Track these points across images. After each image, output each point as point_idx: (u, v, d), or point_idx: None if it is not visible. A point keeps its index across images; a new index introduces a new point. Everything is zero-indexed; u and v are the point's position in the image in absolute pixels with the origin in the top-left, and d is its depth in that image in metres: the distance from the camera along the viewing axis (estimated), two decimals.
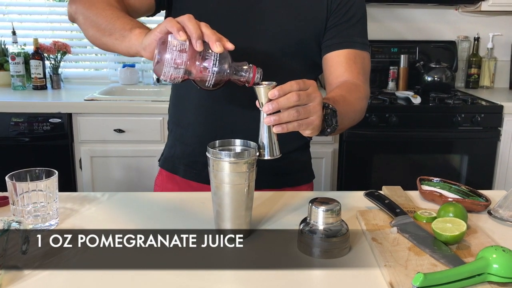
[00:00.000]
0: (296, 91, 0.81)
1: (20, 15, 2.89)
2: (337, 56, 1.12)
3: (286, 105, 0.81)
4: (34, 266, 0.78)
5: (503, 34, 2.91)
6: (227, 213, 0.87)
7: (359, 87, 1.09)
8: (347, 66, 1.12)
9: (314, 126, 0.84)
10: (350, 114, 1.02)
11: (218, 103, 1.15)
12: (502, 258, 0.71)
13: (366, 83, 1.14)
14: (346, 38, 1.12)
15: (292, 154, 1.20)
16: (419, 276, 0.67)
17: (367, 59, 1.16)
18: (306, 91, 0.83)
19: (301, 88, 0.82)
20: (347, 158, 2.41)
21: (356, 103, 1.05)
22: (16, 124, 2.27)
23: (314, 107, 0.83)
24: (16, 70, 2.62)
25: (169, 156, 1.28)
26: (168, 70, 0.81)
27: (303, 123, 0.83)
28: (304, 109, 0.82)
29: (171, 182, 1.25)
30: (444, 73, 2.69)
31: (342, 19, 1.12)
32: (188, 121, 1.21)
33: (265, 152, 0.86)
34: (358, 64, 1.13)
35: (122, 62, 2.87)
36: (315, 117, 0.84)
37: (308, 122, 0.83)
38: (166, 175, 1.28)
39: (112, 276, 0.76)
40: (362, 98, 1.09)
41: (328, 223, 0.81)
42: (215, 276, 0.77)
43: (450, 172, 2.48)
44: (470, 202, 1.01)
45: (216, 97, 1.14)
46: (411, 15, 2.90)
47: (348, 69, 1.11)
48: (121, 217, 0.99)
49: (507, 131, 2.42)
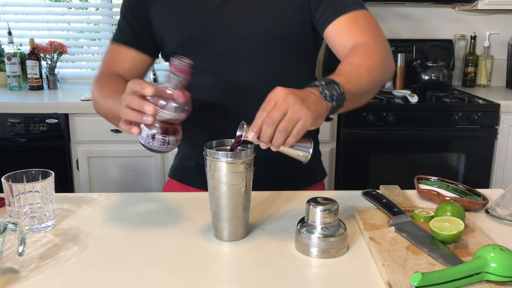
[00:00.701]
0: (265, 117, 0.78)
1: (16, 15, 2.88)
2: (335, 27, 1.06)
3: (269, 136, 0.78)
4: (31, 268, 0.78)
5: (500, 32, 2.91)
6: (224, 213, 0.86)
7: (366, 45, 1.01)
8: (349, 31, 1.04)
9: (309, 123, 0.78)
10: (361, 75, 0.93)
11: (220, 121, 1.15)
12: (500, 257, 0.71)
13: (376, 36, 1.04)
14: (337, 6, 1.06)
15: None
16: (417, 275, 0.67)
17: (368, 16, 1.08)
18: (275, 107, 0.78)
19: (268, 109, 0.78)
20: (344, 158, 2.41)
21: (366, 61, 0.96)
22: (13, 125, 2.27)
23: (294, 112, 0.77)
24: (12, 71, 2.61)
25: (181, 168, 1.28)
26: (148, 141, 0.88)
27: (295, 133, 0.78)
28: (286, 123, 0.77)
29: (183, 190, 1.26)
30: (441, 72, 2.69)
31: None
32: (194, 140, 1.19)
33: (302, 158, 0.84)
34: (359, 24, 1.05)
35: None
36: (303, 118, 0.78)
37: (299, 128, 0.78)
38: (177, 184, 1.28)
39: (109, 278, 0.76)
40: (372, 54, 0.99)
41: (325, 222, 0.81)
42: (212, 276, 0.77)
43: (448, 171, 2.48)
44: (468, 201, 1.01)
45: (218, 115, 1.15)
46: (407, 14, 2.91)
47: (350, 34, 1.04)
48: (118, 218, 0.98)
49: (504, 130, 2.43)
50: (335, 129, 2.39)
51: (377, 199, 0.99)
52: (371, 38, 1.03)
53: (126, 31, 1.19)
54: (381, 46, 1.03)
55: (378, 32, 1.06)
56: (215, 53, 1.11)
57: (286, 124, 0.77)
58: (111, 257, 0.82)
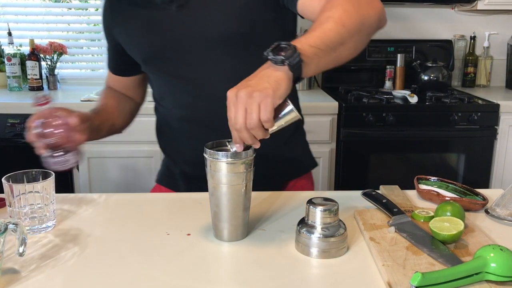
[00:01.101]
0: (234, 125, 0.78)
1: (16, 16, 2.88)
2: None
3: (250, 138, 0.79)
4: (31, 269, 0.78)
5: (499, 32, 2.92)
6: (224, 213, 0.86)
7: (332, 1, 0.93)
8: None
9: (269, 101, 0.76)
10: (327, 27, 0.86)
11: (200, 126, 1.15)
12: (500, 257, 0.71)
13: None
14: None
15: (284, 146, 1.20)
16: (417, 275, 0.67)
17: None
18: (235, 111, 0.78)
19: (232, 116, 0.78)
20: (344, 158, 2.41)
21: (333, 12, 0.88)
22: (12, 125, 2.27)
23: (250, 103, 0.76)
24: (12, 71, 2.61)
25: (168, 174, 1.29)
26: None
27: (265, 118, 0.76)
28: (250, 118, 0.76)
29: None
30: (440, 72, 2.69)
31: None
32: (178, 149, 1.22)
33: None
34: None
35: None
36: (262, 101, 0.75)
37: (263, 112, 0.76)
38: (164, 189, 1.28)
39: (109, 278, 0.76)
40: (341, 3, 0.90)
41: (325, 223, 0.81)
42: (212, 276, 0.77)
43: (447, 171, 2.48)
44: (468, 201, 1.01)
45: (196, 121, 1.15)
46: (407, 14, 2.91)
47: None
48: (118, 218, 0.99)
49: (503, 130, 2.43)
50: (335, 129, 2.39)
51: (377, 199, 0.99)
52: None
53: (109, 59, 1.28)
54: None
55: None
56: (182, 61, 1.11)
57: (250, 119, 0.76)
58: (111, 258, 0.82)
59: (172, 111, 1.19)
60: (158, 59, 1.13)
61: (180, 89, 1.14)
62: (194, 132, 1.16)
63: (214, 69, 1.10)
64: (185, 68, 1.11)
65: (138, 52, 1.15)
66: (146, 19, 1.11)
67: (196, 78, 1.11)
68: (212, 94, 1.10)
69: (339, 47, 0.86)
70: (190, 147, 1.16)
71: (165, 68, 1.13)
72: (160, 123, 1.27)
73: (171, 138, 1.23)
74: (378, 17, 0.95)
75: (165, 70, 1.14)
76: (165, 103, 1.21)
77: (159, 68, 1.15)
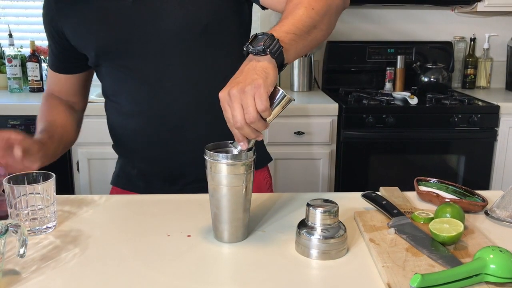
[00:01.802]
0: (233, 124, 0.79)
1: (17, 18, 2.88)
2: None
3: (252, 132, 0.80)
4: (32, 270, 0.78)
5: (499, 34, 2.92)
6: (224, 215, 0.87)
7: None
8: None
9: (262, 91, 0.77)
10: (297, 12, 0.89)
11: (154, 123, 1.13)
12: (499, 258, 0.71)
13: None
14: None
15: None
16: (417, 277, 0.67)
17: None
18: (231, 110, 0.79)
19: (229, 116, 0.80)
20: (344, 159, 2.41)
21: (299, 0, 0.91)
22: (13, 127, 2.27)
23: (245, 98, 0.77)
24: (13, 73, 2.61)
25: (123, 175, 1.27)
26: None
27: (261, 108, 0.77)
28: (248, 113, 0.78)
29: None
30: (440, 74, 2.70)
31: None
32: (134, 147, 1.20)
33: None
34: None
35: None
36: (256, 93, 0.77)
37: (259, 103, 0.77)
38: (121, 191, 1.26)
39: (109, 279, 0.76)
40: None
41: (325, 224, 0.82)
42: (212, 278, 0.77)
43: (447, 173, 2.48)
44: (467, 202, 1.01)
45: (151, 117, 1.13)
46: (407, 16, 2.91)
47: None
48: (119, 220, 0.99)
49: (503, 131, 2.43)
50: (335, 131, 2.39)
51: (376, 201, 0.99)
52: None
53: (51, 56, 1.22)
54: None
55: None
56: (138, 54, 1.08)
57: (248, 113, 0.78)
58: (111, 259, 0.82)
59: (126, 107, 1.15)
60: (113, 53, 1.10)
61: (135, 83, 1.11)
62: (149, 128, 1.13)
63: (170, 62, 1.08)
64: (141, 60, 1.09)
65: (90, 45, 1.11)
66: (100, 10, 1.07)
67: (152, 72, 1.09)
68: (166, 87, 1.09)
69: (312, 30, 0.90)
70: (147, 144, 1.14)
71: (120, 61, 1.10)
72: (112, 122, 1.22)
73: (125, 137, 1.19)
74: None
75: (120, 64, 1.11)
76: (118, 99, 1.16)
77: (114, 62, 1.11)
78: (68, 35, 1.13)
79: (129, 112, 1.15)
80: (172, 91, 1.09)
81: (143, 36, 1.07)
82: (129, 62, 1.10)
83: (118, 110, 1.18)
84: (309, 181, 2.43)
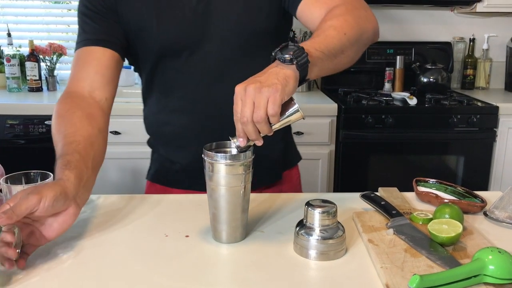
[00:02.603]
0: (240, 118, 0.80)
1: (15, 17, 2.88)
2: (306, 3, 1.05)
3: (253, 132, 0.80)
4: (27, 271, 0.77)
5: (498, 35, 2.92)
6: (223, 215, 0.86)
7: (336, 8, 0.99)
8: (319, 3, 1.03)
9: (278, 96, 0.78)
10: (330, 34, 0.91)
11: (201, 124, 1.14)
12: (498, 259, 0.71)
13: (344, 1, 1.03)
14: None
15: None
16: (416, 277, 0.67)
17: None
18: (242, 105, 0.79)
19: (238, 110, 0.80)
20: (343, 160, 2.41)
21: (335, 21, 0.94)
22: (12, 126, 2.27)
23: (258, 97, 0.78)
24: (12, 72, 2.61)
25: (164, 171, 1.25)
26: None
27: (272, 112, 0.78)
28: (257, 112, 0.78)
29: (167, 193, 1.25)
30: (440, 74, 2.70)
31: None
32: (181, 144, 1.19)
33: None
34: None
35: None
36: (271, 96, 0.77)
37: (271, 106, 0.78)
38: (160, 188, 1.25)
39: (106, 280, 0.76)
40: (342, 13, 0.97)
41: (324, 225, 0.81)
42: (211, 278, 0.77)
43: (446, 173, 2.48)
44: (466, 203, 1.01)
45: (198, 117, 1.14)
46: (406, 17, 2.91)
47: (321, 5, 1.03)
48: (116, 220, 0.98)
49: (502, 132, 2.43)
50: (334, 131, 2.39)
51: (375, 201, 0.99)
52: (340, 1, 1.01)
53: (86, 32, 1.09)
54: (351, 5, 1.01)
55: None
56: (198, 54, 1.10)
57: (257, 112, 0.78)
58: (108, 260, 0.82)
59: (177, 103, 1.15)
60: (172, 50, 1.09)
61: (189, 81, 1.12)
62: (197, 126, 1.14)
63: (229, 62, 1.10)
64: (200, 60, 1.10)
65: (155, 37, 1.08)
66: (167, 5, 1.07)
67: (210, 71, 1.11)
68: (221, 86, 1.10)
69: (339, 55, 0.92)
70: (194, 140, 1.13)
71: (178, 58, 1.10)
72: (156, 118, 1.21)
73: (172, 133, 1.19)
74: (373, 31, 1.03)
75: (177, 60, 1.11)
76: (169, 95, 1.16)
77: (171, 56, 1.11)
78: (126, 25, 1.09)
79: (180, 109, 1.15)
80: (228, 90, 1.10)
81: (205, 37, 1.08)
82: (189, 61, 1.10)
83: (166, 106, 1.17)
84: (308, 182, 2.42)
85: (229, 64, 1.11)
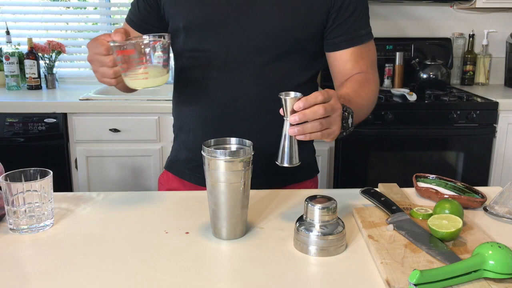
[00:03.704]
0: (320, 103, 0.84)
1: (14, 15, 2.87)
2: (345, 54, 1.15)
3: (312, 117, 0.84)
4: (29, 268, 0.78)
5: (498, 30, 2.91)
6: (223, 211, 0.86)
7: (369, 80, 1.13)
8: (355, 63, 1.15)
9: (334, 136, 0.90)
10: (364, 109, 1.08)
11: (217, 112, 1.14)
12: (498, 254, 0.71)
13: (375, 73, 1.18)
14: (352, 34, 1.13)
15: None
16: (416, 273, 0.67)
17: (372, 49, 1.19)
18: (330, 104, 0.86)
19: (325, 100, 0.85)
20: (343, 156, 2.41)
21: (369, 96, 1.10)
22: (11, 124, 2.26)
23: (334, 118, 0.87)
24: (11, 70, 2.61)
25: (175, 160, 1.27)
26: None
27: (325, 133, 0.87)
28: (326, 121, 0.86)
29: (177, 182, 1.26)
30: (439, 70, 2.69)
31: (345, 14, 1.11)
32: (189, 127, 1.21)
33: (285, 160, 0.88)
34: (365, 59, 1.16)
35: None
36: (336, 128, 0.89)
37: (329, 132, 0.88)
38: (172, 176, 1.28)
39: (107, 276, 0.76)
40: (373, 90, 1.14)
41: (324, 221, 0.81)
42: (211, 274, 0.77)
43: (446, 169, 2.48)
44: (466, 198, 1.01)
45: (216, 106, 1.14)
46: (406, 12, 2.91)
47: (356, 65, 1.15)
48: (117, 217, 0.98)
49: (502, 128, 2.43)
50: None
51: (375, 197, 0.99)
52: (372, 75, 1.16)
53: (134, 11, 1.21)
54: (376, 83, 1.17)
55: (375, 67, 1.19)
56: (223, 41, 1.10)
57: (327, 122, 0.86)
58: (109, 256, 0.82)
59: (204, 95, 1.16)
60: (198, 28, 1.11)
61: (209, 65, 1.13)
62: (214, 116, 1.15)
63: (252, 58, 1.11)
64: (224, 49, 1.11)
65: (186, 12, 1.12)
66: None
67: (230, 63, 1.12)
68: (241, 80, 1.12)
69: (362, 120, 1.09)
70: (206, 128, 1.16)
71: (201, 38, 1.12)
72: (179, 101, 1.24)
73: (188, 116, 1.21)
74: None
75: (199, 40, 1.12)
76: (198, 87, 1.18)
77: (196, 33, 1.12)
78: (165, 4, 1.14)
79: (206, 101, 1.16)
80: (246, 84, 1.12)
81: (236, 27, 1.09)
82: (213, 45, 1.11)
83: (192, 99, 1.19)
84: None
85: (250, 60, 1.11)
